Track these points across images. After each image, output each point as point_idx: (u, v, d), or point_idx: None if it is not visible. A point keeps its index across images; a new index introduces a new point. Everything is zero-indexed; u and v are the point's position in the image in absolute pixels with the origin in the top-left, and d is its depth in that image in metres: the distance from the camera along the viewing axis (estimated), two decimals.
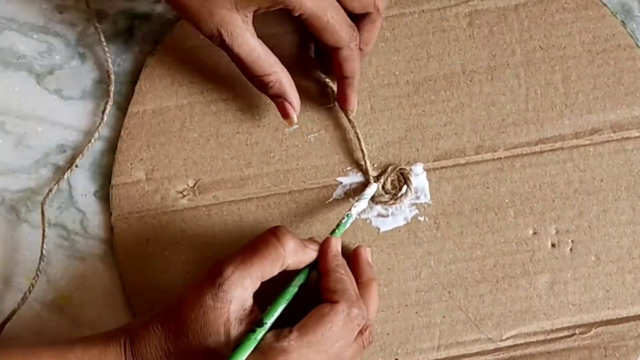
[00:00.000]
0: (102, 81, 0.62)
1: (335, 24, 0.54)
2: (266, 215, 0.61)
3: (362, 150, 0.60)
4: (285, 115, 0.58)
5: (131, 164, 0.61)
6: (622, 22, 0.62)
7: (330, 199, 0.61)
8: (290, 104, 0.57)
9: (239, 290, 0.51)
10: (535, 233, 0.60)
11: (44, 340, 0.60)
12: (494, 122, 0.61)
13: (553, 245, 0.60)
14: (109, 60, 0.61)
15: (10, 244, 0.61)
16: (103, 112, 0.61)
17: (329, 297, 0.52)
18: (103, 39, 0.61)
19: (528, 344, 0.60)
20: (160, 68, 0.62)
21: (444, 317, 0.60)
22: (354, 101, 0.59)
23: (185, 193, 0.61)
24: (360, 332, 0.53)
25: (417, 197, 0.61)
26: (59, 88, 0.62)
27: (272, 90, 0.57)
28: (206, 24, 0.53)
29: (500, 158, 0.61)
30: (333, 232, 0.57)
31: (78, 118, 0.62)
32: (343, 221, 0.57)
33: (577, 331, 0.60)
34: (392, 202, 0.60)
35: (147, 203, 0.61)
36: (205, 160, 0.61)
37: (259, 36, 0.55)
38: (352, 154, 0.61)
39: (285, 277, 0.54)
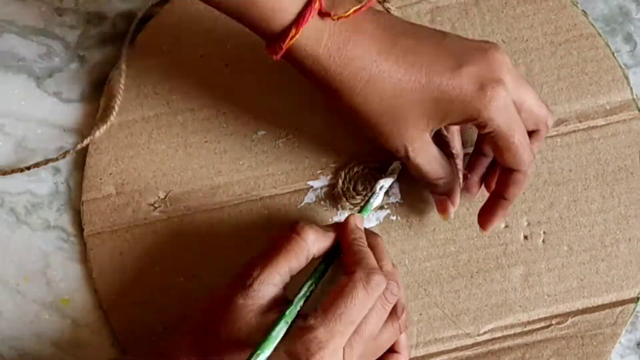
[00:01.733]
0: (102, 83, 0.62)
1: (520, 147, 0.54)
2: (238, 222, 0.61)
3: None
4: (442, 211, 0.58)
5: (100, 178, 0.61)
6: (583, 11, 0.62)
7: (302, 204, 0.61)
8: (451, 203, 0.58)
9: (270, 288, 0.51)
10: (507, 226, 0.61)
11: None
12: None
13: (525, 237, 0.61)
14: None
15: (9, 246, 0.61)
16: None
17: (347, 269, 0.52)
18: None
19: (505, 337, 0.60)
20: (125, 81, 0.62)
21: (421, 314, 0.60)
22: (495, 223, 0.58)
23: (156, 205, 0.61)
24: (396, 316, 0.53)
25: (388, 197, 0.61)
26: (58, 91, 0.63)
27: (438, 190, 0.57)
28: (394, 142, 0.54)
29: (469, 153, 0.61)
30: (360, 211, 0.57)
31: (77, 120, 0.62)
32: (369, 200, 0.58)
33: (553, 322, 0.60)
34: (363, 203, 0.60)
35: (119, 217, 0.61)
36: (175, 171, 0.61)
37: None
38: (321, 157, 0.61)
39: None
